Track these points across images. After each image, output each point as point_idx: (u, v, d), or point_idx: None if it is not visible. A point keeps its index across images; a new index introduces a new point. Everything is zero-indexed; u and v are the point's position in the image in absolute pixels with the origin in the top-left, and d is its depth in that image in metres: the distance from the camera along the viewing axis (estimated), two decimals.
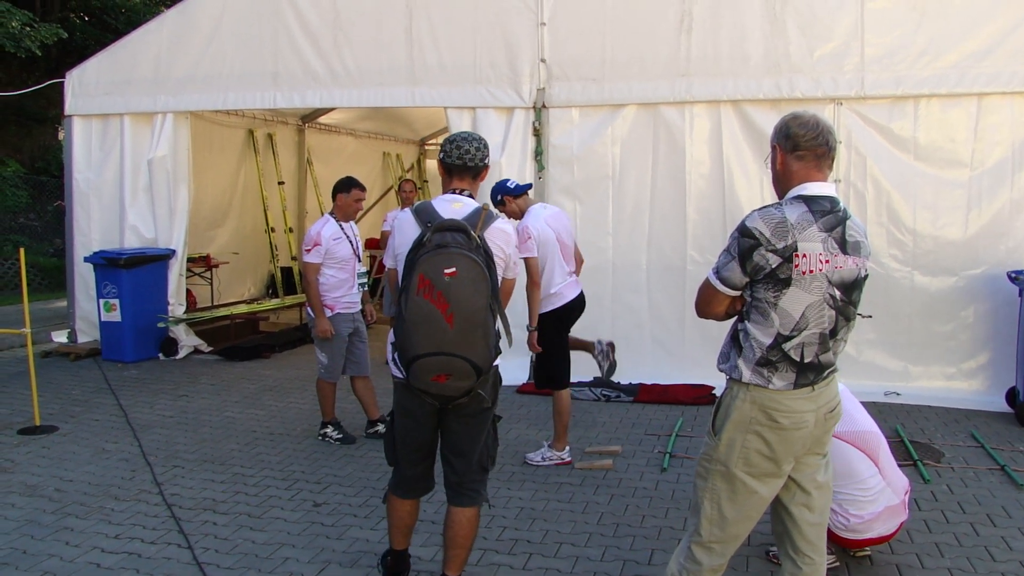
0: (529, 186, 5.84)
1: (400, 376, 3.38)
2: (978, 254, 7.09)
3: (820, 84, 7.19)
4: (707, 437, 2.95)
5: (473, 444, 3.47)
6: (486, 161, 3.48)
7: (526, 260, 5.29)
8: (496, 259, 3.28)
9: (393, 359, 3.36)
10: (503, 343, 3.42)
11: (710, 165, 7.54)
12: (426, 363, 3.15)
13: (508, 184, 5.68)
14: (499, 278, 3.32)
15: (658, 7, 7.52)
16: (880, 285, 7.08)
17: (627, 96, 7.62)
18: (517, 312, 7.84)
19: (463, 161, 3.44)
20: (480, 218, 3.30)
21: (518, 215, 5.60)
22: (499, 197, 5.61)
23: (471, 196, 3.45)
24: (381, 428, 6.09)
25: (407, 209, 3.47)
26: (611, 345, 5.99)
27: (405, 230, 3.34)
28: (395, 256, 3.40)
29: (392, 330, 3.32)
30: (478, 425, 3.46)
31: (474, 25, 7.92)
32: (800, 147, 2.82)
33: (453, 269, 3.07)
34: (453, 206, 3.34)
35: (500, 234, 3.39)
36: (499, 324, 3.36)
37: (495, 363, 3.39)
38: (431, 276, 3.07)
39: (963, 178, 7.10)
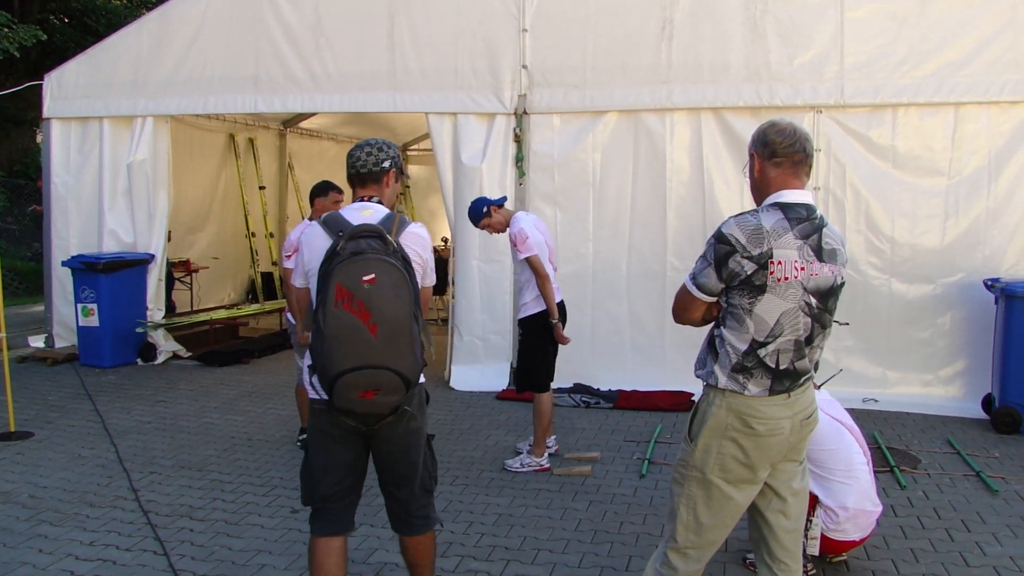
0: (505, 199, 6.02)
1: (319, 398, 3.11)
2: (955, 262, 7.15)
3: (800, 92, 7.24)
4: (683, 443, 2.96)
5: (412, 469, 3.24)
6: (384, 164, 3.27)
7: (529, 259, 5.45)
8: (414, 264, 3.12)
9: (311, 382, 3.11)
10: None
11: (690, 172, 7.57)
12: (352, 379, 2.91)
13: (487, 198, 5.88)
14: (417, 285, 3.13)
15: (640, 15, 7.56)
16: (858, 292, 7.14)
17: (608, 103, 7.65)
18: (505, 312, 7.90)
19: (356, 169, 3.28)
20: (394, 223, 3.13)
21: (503, 225, 5.70)
22: (485, 209, 5.73)
23: (380, 202, 3.27)
24: None
25: (314, 222, 3.31)
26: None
27: (314, 243, 3.14)
28: (305, 273, 3.21)
29: (308, 351, 3.08)
30: (413, 448, 3.22)
31: (456, 31, 7.92)
32: (777, 154, 2.84)
33: (372, 275, 2.88)
34: (363, 213, 3.16)
35: (416, 239, 3.21)
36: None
37: (421, 380, 3.18)
38: (349, 285, 2.88)
39: (940, 186, 7.16)
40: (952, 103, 7.06)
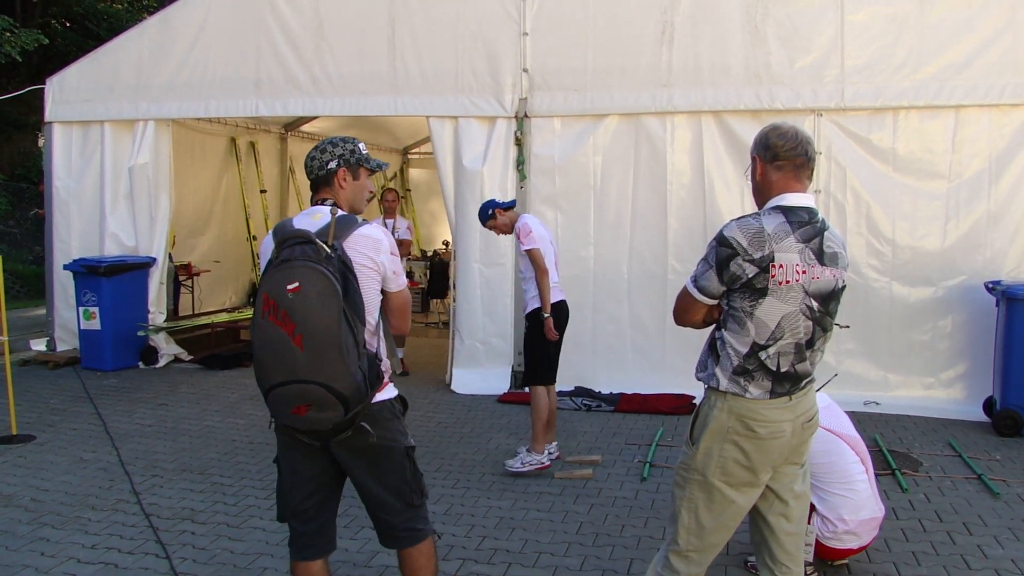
0: (514, 202, 6.10)
1: None
2: (956, 264, 7.16)
3: (800, 95, 7.25)
4: (685, 446, 2.96)
5: (387, 488, 3.04)
6: (330, 166, 3.07)
7: (530, 252, 5.56)
8: (363, 268, 2.90)
9: None
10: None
11: (691, 175, 7.58)
12: (280, 394, 2.79)
13: (495, 200, 6.00)
14: (373, 292, 2.96)
15: (640, 18, 7.57)
16: (859, 295, 7.14)
17: (609, 106, 7.66)
18: (506, 316, 7.90)
19: (307, 174, 3.13)
20: (331, 226, 2.89)
21: (509, 227, 5.81)
22: (490, 211, 5.84)
23: (335, 205, 3.06)
24: None
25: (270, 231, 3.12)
26: None
27: (266, 251, 2.99)
28: None
29: None
30: (385, 466, 3.02)
31: (456, 35, 7.94)
32: (779, 157, 2.84)
33: (296, 284, 2.71)
34: (312, 218, 2.98)
35: (365, 241, 2.94)
36: (380, 348, 3.01)
37: (385, 396, 3.00)
38: (274, 295, 2.73)
39: (941, 189, 7.17)
40: (952, 106, 7.07)
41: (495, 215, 5.81)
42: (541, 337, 5.63)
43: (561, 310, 5.77)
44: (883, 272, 7.28)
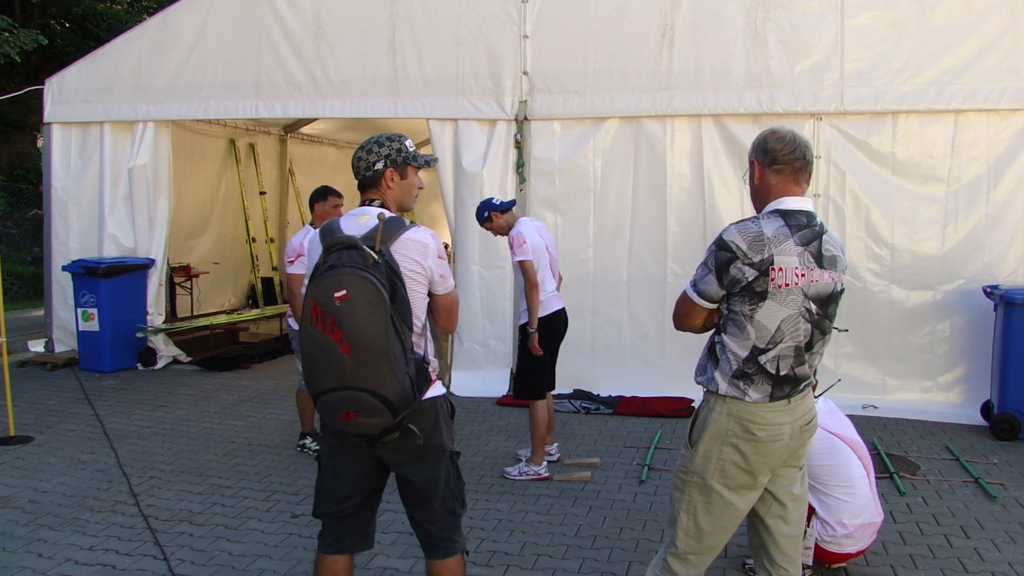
0: (513, 202, 5.94)
1: None
2: (954, 268, 7.17)
3: (800, 99, 7.26)
4: (684, 449, 2.97)
5: (431, 490, 3.03)
6: (376, 167, 3.05)
7: (522, 263, 5.45)
8: (410, 273, 2.89)
9: None
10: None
11: (691, 178, 7.59)
12: (330, 399, 2.79)
13: (494, 200, 5.83)
14: (419, 295, 2.94)
15: (641, 21, 7.58)
16: (858, 299, 7.15)
17: (609, 109, 7.67)
18: (505, 318, 7.91)
19: (354, 174, 3.12)
20: (378, 230, 2.86)
21: (505, 230, 5.70)
22: (486, 214, 5.72)
23: (382, 205, 3.06)
24: None
25: (316, 230, 3.13)
26: None
27: (313, 253, 2.96)
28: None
29: None
30: (430, 470, 3.02)
31: (457, 37, 7.95)
32: (778, 161, 2.85)
33: (343, 292, 2.69)
34: (359, 220, 2.96)
35: (413, 245, 2.91)
36: (428, 350, 2.99)
37: (433, 394, 2.99)
38: (322, 302, 2.72)
39: (940, 193, 7.18)
40: (952, 110, 7.08)
41: (492, 218, 5.71)
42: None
43: (559, 319, 5.71)
44: (882, 276, 7.29)
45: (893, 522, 4.74)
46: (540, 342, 5.55)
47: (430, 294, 3.02)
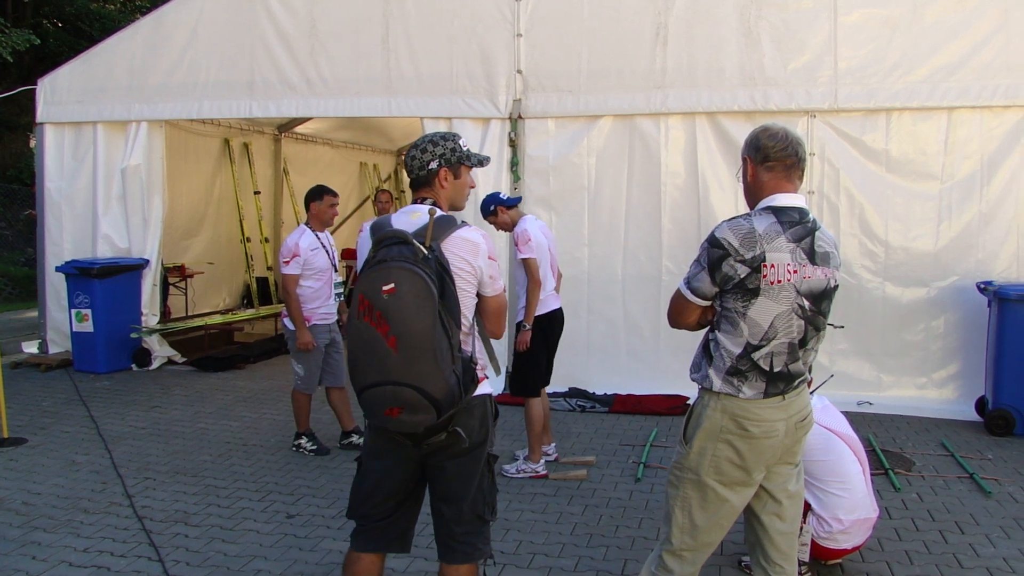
0: (519, 199, 5.96)
1: None
2: (948, 265, 7.18)
3: (794, 97, 7.26)
4: (678, 446, 2.97)
5: (463, 488, 2.97)
6: (431, 166, 3.05)
7: (526, 261, 5.45)
8: (460, 271, 2.87)
9: None
10: (490, 370, 3.08)
11: (685, 176, 7.59)
12: (373, 394, 2.75)
13: (500, 195, 5.81)
14: (467, 294, 2.93)
15: (634, 19, 7.58)
16: (852, 296, 7.16)
17: (603, 107, 7.66)
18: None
19: (408, 173, 3.13)
20: (429, 227, 2.86)
21: (509, 226, 5.71)
22: (492, 207, 5.71)
23: (435, 204, 3.05)
24: (355, 439, 6.07)
25: (366, 223, 3.18)
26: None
27: (363, 248, 2.99)
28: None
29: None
30: (467, 465, 2.96)
31: (451, 36, 7.94)
32: (770, 159, 2.85)
33: (391, 285, 2.66)
34: (411, 217, 2.96)
35: (463, 244, 2.91)
36: (476, 349, 3.00)
37: (482, 392, 2.96)
38: (369, 295, 2.69)
39: (934, 190, 7.19)
40: (945, 107, 7.09)
41: (497, 212, 5.69)
42: (532, 347, 5.58)
43: (555, 319, 5.72)
44: (876, 273, 7.30)
45: (888, 518, 4.75)
46: (537, 340, 5.56)
47: (479, 295, 3.01)
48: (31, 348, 9.59)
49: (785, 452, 2.91)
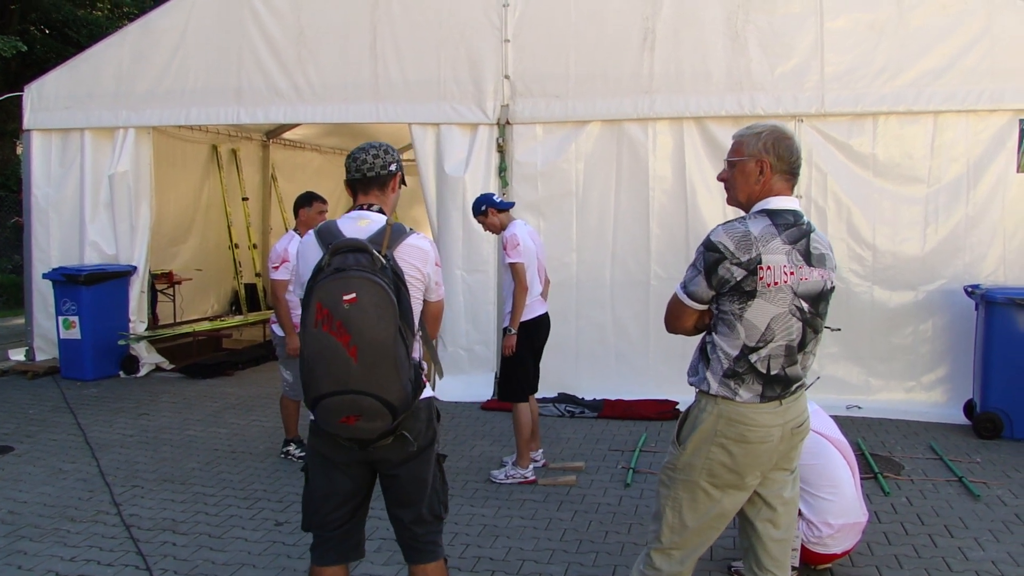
0: (512, 204, 5.94)
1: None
2: (936, 269, 7.21)
3: (781, 101, 7.29)
4: (671, 446, 2.96)
5: (419, 491, 3.02)
6: (391, 168, 3.08)
7: (513, 265, 5.44)
8: (411, 279, 2.90)
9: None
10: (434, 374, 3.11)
11: (673, 181, 7.61)
12: (331, 403, 2.73)
13: (494, 197, 5.80)
14: (417, 301, 2.96)
15: (622, 24, 7.59)
16: (841, 299, 7.14)
17: (591, 113, 7.68)
18: (489, 322, 7.89)
19: (362, 173, 3.07)
20: (385, 235, 2.88)
21: (497, 228, 5.70)
22: (483, 208, 5.69)
23: (381, 211, 3.06)
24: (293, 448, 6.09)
25: (310, 232, 3.08)
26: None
27: (308, 255, 2.96)
28: (302, 285, 2.94)
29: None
30: (418, 468, 3.01)
31: (438, 41, 7.94)
32: (787, 170, 2.87)
33: (352, 295, 2.66)
34: (359, 224, 2.95)
35: (413, 251, 2.95)
36: (418, 354, 3.01)
37: (426, 395, 2.99)
38: (329, 304, 2.67)
39: (920, 194, 7.23)
40: (931, 111, 7.14)
41: (488, 213, 5.67)
42: (519, 352, 5.56)
43: (542, 324, 5.71)
44: (864, 277, 7.33)
45: (878, 522, 4.76)
46: (524, 345, 5.55)
47: (424, 300, 3.05)
48: (18, 355, 9.53)
49: (781, 458, 2.90)
